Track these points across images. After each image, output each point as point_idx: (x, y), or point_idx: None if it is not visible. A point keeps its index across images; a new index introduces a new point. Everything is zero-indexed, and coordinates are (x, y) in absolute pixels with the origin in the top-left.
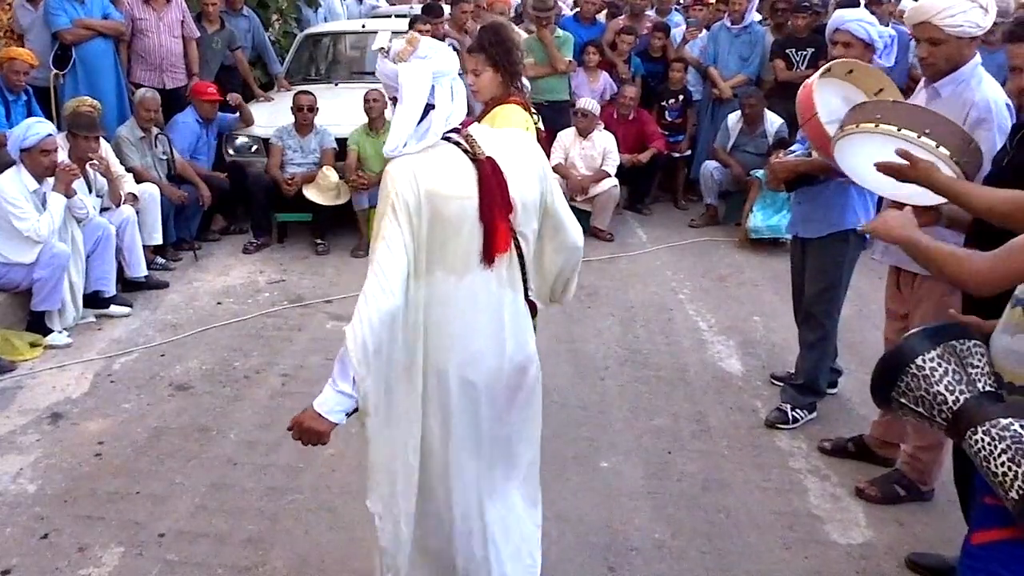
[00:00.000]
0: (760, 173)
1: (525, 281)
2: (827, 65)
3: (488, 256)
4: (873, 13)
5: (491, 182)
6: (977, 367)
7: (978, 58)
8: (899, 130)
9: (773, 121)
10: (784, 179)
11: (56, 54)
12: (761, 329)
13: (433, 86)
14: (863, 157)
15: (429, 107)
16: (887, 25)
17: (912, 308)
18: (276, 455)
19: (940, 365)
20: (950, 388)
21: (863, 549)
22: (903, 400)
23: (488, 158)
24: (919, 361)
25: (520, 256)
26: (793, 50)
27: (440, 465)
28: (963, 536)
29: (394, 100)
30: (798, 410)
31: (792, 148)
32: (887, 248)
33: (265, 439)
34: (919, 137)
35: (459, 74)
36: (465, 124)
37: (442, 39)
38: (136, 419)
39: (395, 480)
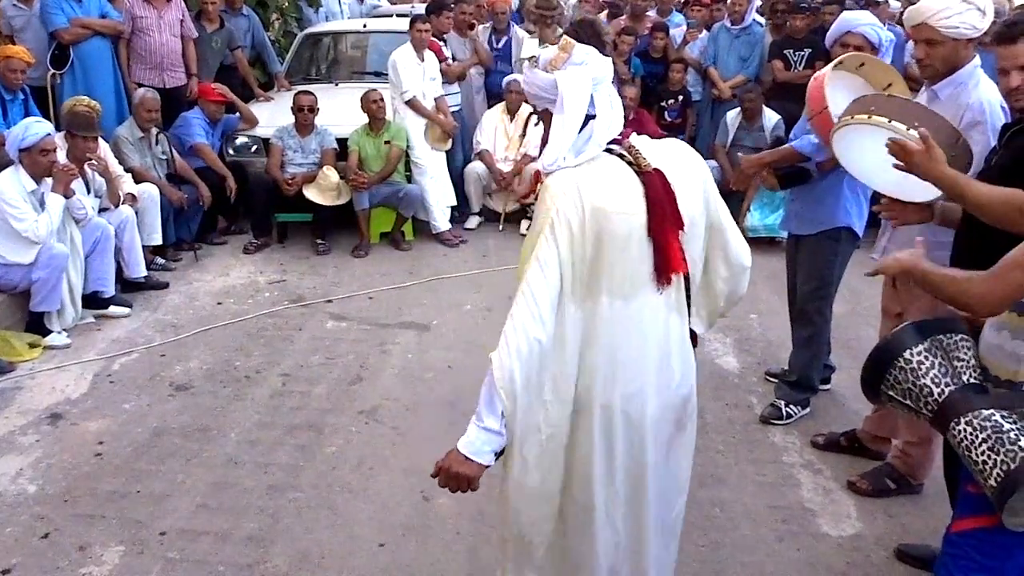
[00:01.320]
0: None
1: (689, 306)
2: (839, 58)
3: (664, 276)
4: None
5: (660, 196)
6: (963, 360)
7: (977, 60)
8: (890, 121)
9: (771, 118)
10: (753, 173)
11: (54, 54)
12: (757, 327)
13: (592, 94)
14: (857, 149)
15: (588, 117)
16: (884, 26)
17: (906, 306)
18: (277, 454)
19: (927, 359)
20: (936, 381)
21: (854, 541)
22: (891, 393)
23: (655, 170)
24: (907, 355)
25: (686, 278)
26: (791, 51)
27: (588, 514)
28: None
29: (546, 112)
30: (792, 406)
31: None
32: (887, 249)
33: (266, 438)
34: (908, 130)
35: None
36: (625, 134)
37: (443, 37)
38: (136, 419)
39: (535, 532)
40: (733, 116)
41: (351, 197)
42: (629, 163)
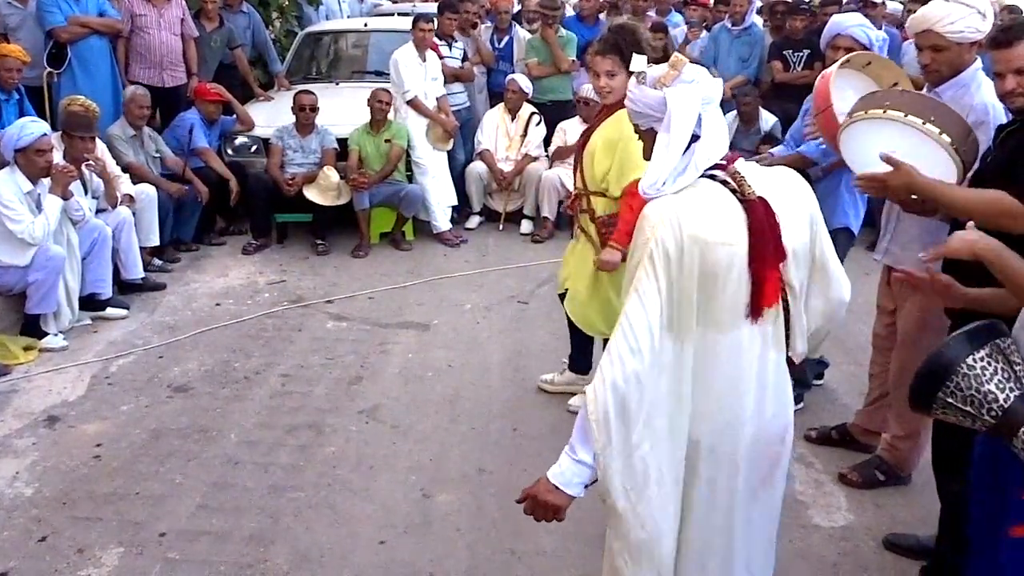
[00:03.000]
0: None
1: (787, 338)
2: (846, 57)
3: (756, 310)
4: (868, 16)
5: (763, 226)
6: (1020, 364)
7: (978, 63)
8: (906, 116)
9: (767, 120)
10: None
11: (51, 52)
12: None
13: (700, 115)
14: (869, 144)
15: (693, 138)
16: (880, 28)
17: (901, 304)
18: (277, 454)
19: (990, 364)
20: (1000, 387)
21: (844, 531)
22: (950, 400)
23: (760, 199)
24: (970, 361)
25: (787, 311)
26: (790, 51)
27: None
28: (937, 517)
29: (649, 132)
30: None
31: (774, 149)
32: (888, 250)
33: (266, 438)
34: (924, 124)
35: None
36: (729, 159)
37: (449, 38)
38: (134, 421)
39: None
40: (730, 119)
41: (351, 197)
42: (732, 190)
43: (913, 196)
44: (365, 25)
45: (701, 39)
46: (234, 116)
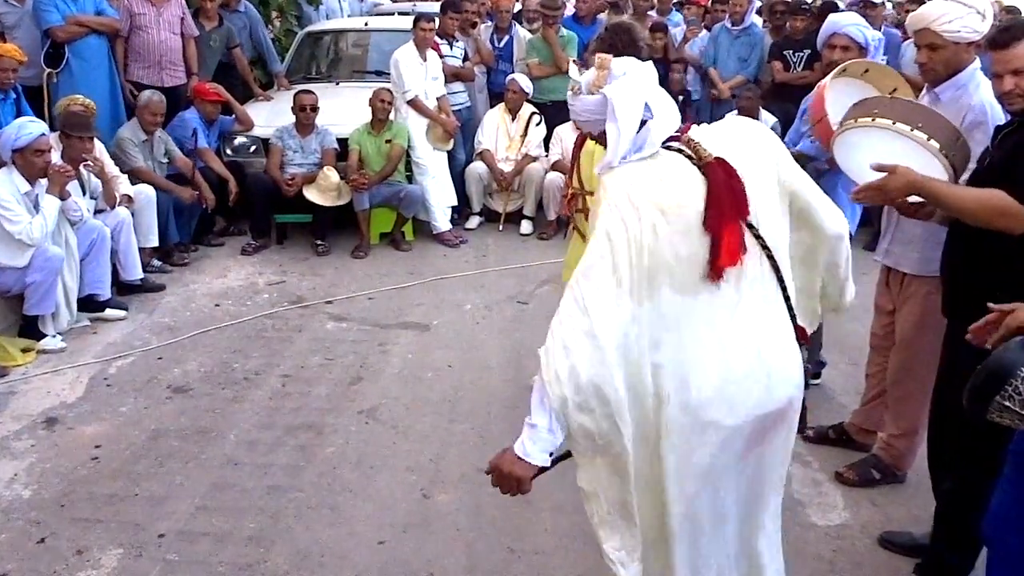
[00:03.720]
0: None
1: (788, 300)
2: (843, 65)
3: (715, 270)
4: (866, 17)
5: (721, 186)
6: None
7: (977, 63)
8: (894, 123)
9: (767, 119)
10: None
11: (48, 52)
12: None
13: (647, 102)
14: (860, 152)
15: (643, 122)
16: (879, 29)
17: (899, 305)
18: (276, 454)
19: None
20: None
21: (840, 530)
22: (1007, 403)
23: (717, 159)
24: None
25: (776, 270)
26: (790, 51)
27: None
28: (931, 516)
29: (603, 134)
30: None
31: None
32: (888, 251)
33: (265, 439)
34: (912, 130)
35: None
36: (683, 129)
37: (450, 37)
38: (134, 422)
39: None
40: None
41: (351, 198)
42: (688, 156)
43: (912, 198)
44: (366, 24)
45: (700, 38)
46: (233, 116)
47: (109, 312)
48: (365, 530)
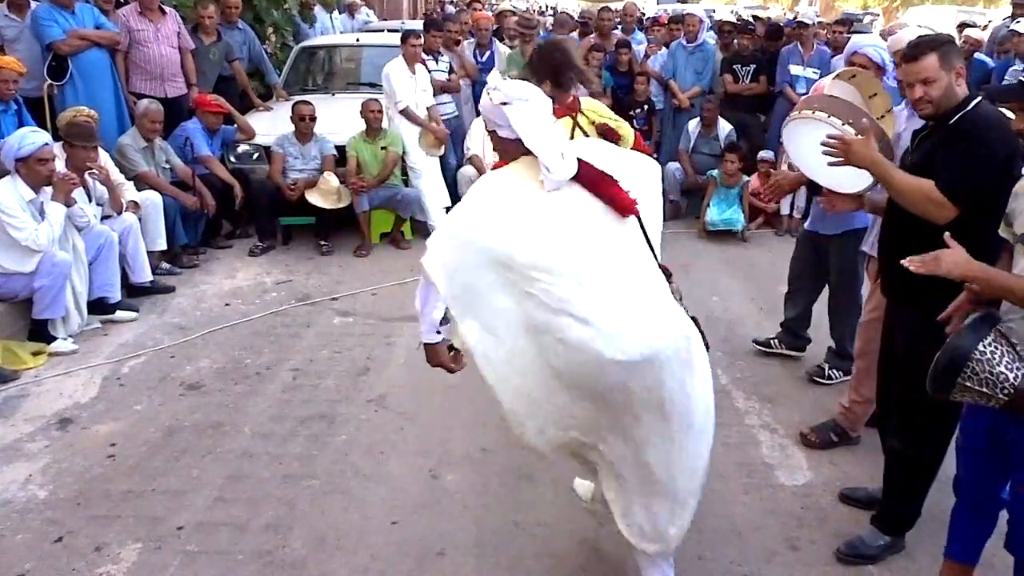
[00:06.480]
0: (715, 173)
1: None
2: (838, 71)
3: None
4: (800, 37)
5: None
6: (1020, 344)
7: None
8: (828, 117)
9: (724, 127)
10: (790, 191)
11: (51, 65)
12: (719, 307)
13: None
14: (805, 144)
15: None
16: (813, 48)
17: (874, 290)
18: (290, 444)
19: (997, 348)
20: (1009, 367)
21: (805, 488)
22: (968, 384)
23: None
24: (980, 347)
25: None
26: (739, 66)
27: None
28: (882, 471)
29: (493, 132)
30: (833, 369)
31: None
32: (875, 243)
33: (279, 431)
34: (843, 124)
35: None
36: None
37: (435, 53)
38: (148, 419)
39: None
40: (694, 125)
41: (351, 200)
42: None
43: (847, 188)
44: (357, 40)
45: (660, 54)
46: (235, 126)
47: (120, 314)
48: (378, 512)
